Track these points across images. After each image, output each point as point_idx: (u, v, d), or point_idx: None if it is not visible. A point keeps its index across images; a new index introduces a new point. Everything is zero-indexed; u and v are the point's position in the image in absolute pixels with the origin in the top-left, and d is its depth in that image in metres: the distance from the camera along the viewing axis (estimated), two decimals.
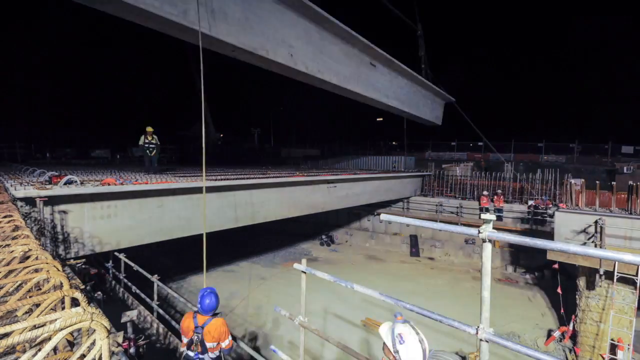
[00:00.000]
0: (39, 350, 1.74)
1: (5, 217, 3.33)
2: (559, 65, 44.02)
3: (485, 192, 17.09)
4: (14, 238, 2.88)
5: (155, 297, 7.10)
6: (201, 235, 6.02)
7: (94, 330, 1.86)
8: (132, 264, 8.16)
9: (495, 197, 16.92)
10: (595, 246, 8.16)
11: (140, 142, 10.72)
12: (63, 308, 2.43)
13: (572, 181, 10.05)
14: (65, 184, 6.65)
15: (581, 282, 9.29)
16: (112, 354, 2.25)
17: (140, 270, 7.78)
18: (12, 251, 2.67)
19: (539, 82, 44.49)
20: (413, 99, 17.43)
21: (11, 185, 6.39)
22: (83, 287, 2.89)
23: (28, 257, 2.62)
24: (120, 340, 2.65)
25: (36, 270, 2.47)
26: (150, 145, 10.72)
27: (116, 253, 8.81)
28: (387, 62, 14.05)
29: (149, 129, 10.71)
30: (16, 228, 3.05)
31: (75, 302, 2.34)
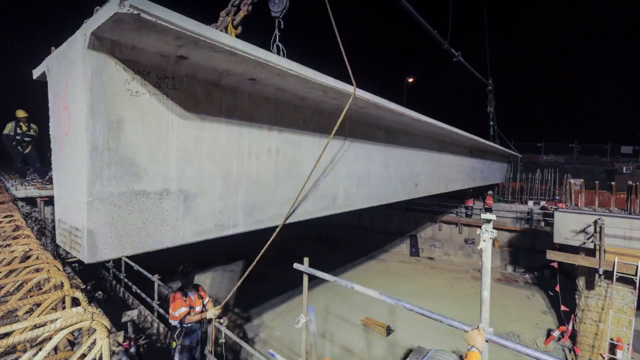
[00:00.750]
0: (40, 349, 1.75)
1: (6, 217, 3.33)
2: (558, 65, 44.06)
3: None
4: (14, 238, 2.89)
5: (156, 296, 7.12)
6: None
7: (95, 329, 1.87)
8: (133, 264, 8.18)
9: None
10: (594, 246, 8.17)
11: (6, 132, 7.39)
12: (64, 307, 2.44)
13: (572, 181, 10.06)
14: None
15: (580, 282, 9.30)
16: (112, 353, 2.26)
17: (141, 270, 7.80)
18: (13, 251, 2.68)
19: (537, 82, 44.55)
20: (491, 170, 16.62)
21: (12, 185, 6.39)
22: (84, 286, 2.90)
23: (29, 257, 2.63)
24: (120, 339, 2.66)
25: (37, 270, 2.48)
26: (25, 138, 7.50)
27: None
28: (481, 154, 13.34)
29: (21, 113, 7.42)
30: (17, 228, 3.06)
31: (75, 302, 2.35)
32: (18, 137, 7.41)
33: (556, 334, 9.70)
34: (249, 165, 3.41)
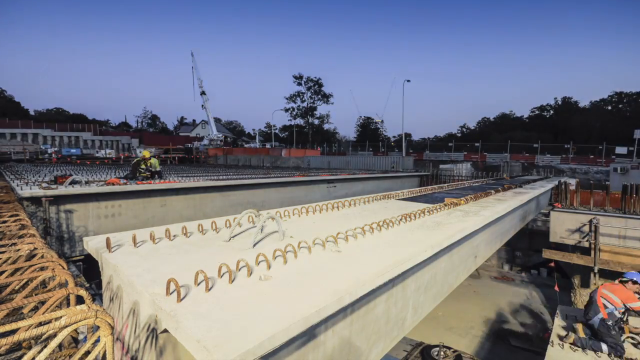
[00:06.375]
0: (45, 346, 1.82)
1: (11, 216, 3.39)
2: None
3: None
4: (20, 237, 2.94)
5: None
6: None
7: (98, 327, 1.93)
8: None
9: None
10: (590, 245, 8.28)
11: (135, 162, 9.74)
12: (68, 305, 2.50)
13: (567, 181, 10.16)
14: (70, 184, 6.72)
15: (576, 280, 9.41)
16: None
17: None
18: (19, 250, 2.74)
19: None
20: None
21: (17, 185, 6.45)
22: (88, 285, 2.97)
23: (34, 256, 2.68)
24: None
25: (42, 269, 2.53)
26: (145, 172, 9.60)
27: None
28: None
29: (146, 153, 9.91)
30: (22, 227, 3.11)
31: (80, 300, 2.41)
32: (142, 169, 9.63)
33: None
34: None
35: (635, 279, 5.11)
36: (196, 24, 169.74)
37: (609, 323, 4.74)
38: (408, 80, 32.19)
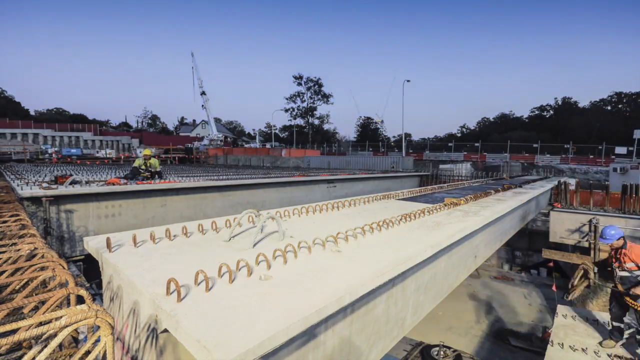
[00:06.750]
0: (45, 346, 1.82)
1: (12, 216, 3.39)
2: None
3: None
4: (20, 237, 2.95)
5: None
6: None
7: (99, 327, 1.94)
8: None
9: None
10: (589, 245, 8.29)
11: (136, 165, 9.55)
12: (68, 305, 2.51)
13: (567, 181, 10.16)
14: (70, 184, 6.73)
15: (576, 280, 9.42)
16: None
17: None
18: (19, 250, 2.74)
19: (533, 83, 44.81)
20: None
21: (17, 185, 6.45)
22: (88, 285, 2.98)
23: (34, 256, 2.69)
24: None
25: (42, 269, 2.53)
26: (145, 173, 9.51)
27: None
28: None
29: (147, 152, 9.85)
30: (23, 227, 3.11)
31: (80, 300, 2.41)
32: (142, 169, 9.52)
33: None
34: None
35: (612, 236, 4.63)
36: (196, 24, 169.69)
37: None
38: (408, 80, 32.31)
